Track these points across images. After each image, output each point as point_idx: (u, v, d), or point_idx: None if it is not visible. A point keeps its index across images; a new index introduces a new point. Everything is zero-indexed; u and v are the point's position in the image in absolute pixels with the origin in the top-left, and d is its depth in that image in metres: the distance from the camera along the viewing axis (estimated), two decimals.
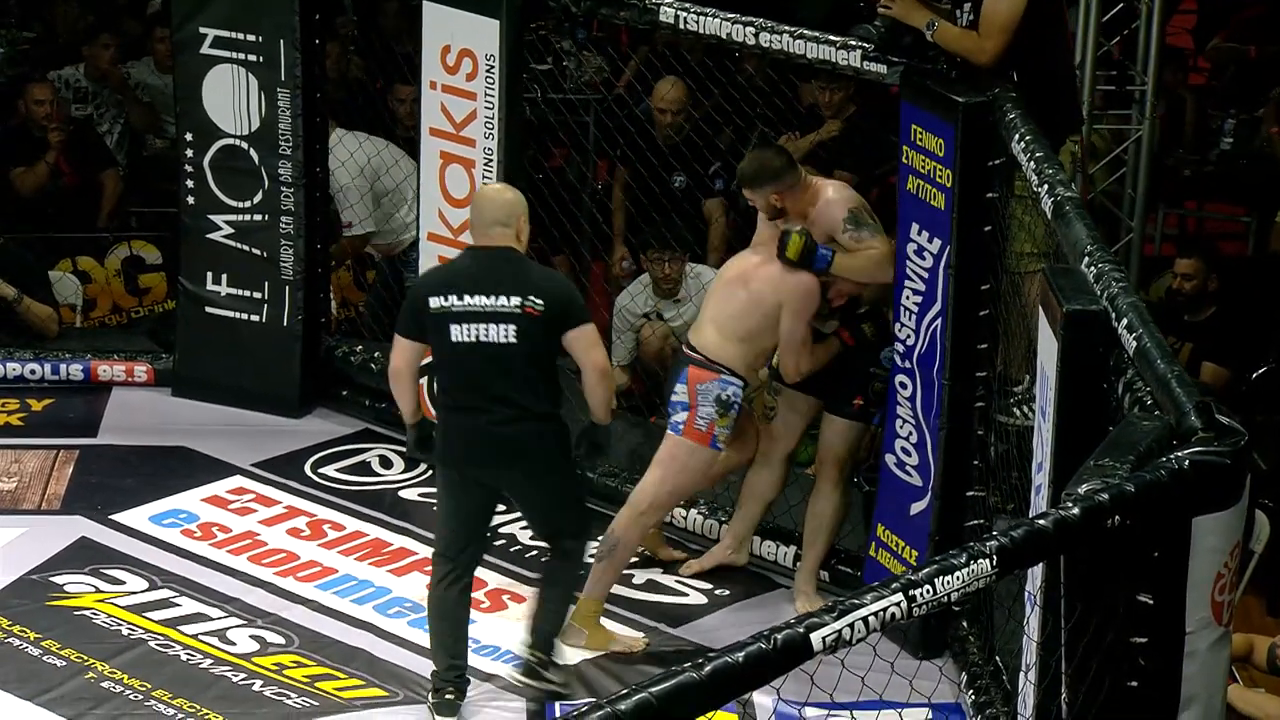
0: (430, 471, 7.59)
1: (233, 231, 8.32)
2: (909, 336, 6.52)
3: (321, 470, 7.95)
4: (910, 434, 6.59)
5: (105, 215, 9.59)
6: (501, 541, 7.25)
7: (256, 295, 8.36)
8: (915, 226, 6.45)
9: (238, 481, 7.81)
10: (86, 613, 6.79)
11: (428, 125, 7.71)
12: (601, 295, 8.74)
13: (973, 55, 6.31)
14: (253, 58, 8.12)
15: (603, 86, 9.39)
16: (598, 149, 9.13)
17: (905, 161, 6.50)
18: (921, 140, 6.40)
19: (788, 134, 8.45)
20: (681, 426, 6.62)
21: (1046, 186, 5.42)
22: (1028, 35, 6.26)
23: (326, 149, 8.50)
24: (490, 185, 7.15)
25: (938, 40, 6.34)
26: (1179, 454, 3.78)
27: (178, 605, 6.87)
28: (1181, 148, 10.53)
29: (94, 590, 6.95)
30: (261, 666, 6.52)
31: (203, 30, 8.16)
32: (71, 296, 9.27)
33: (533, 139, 8.28)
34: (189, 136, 8.31)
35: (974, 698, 6.20)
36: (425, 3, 7.62)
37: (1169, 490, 3.75)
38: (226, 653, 6.59)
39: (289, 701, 6.33)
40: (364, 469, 8.00)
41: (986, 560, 3.45)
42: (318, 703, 6.34)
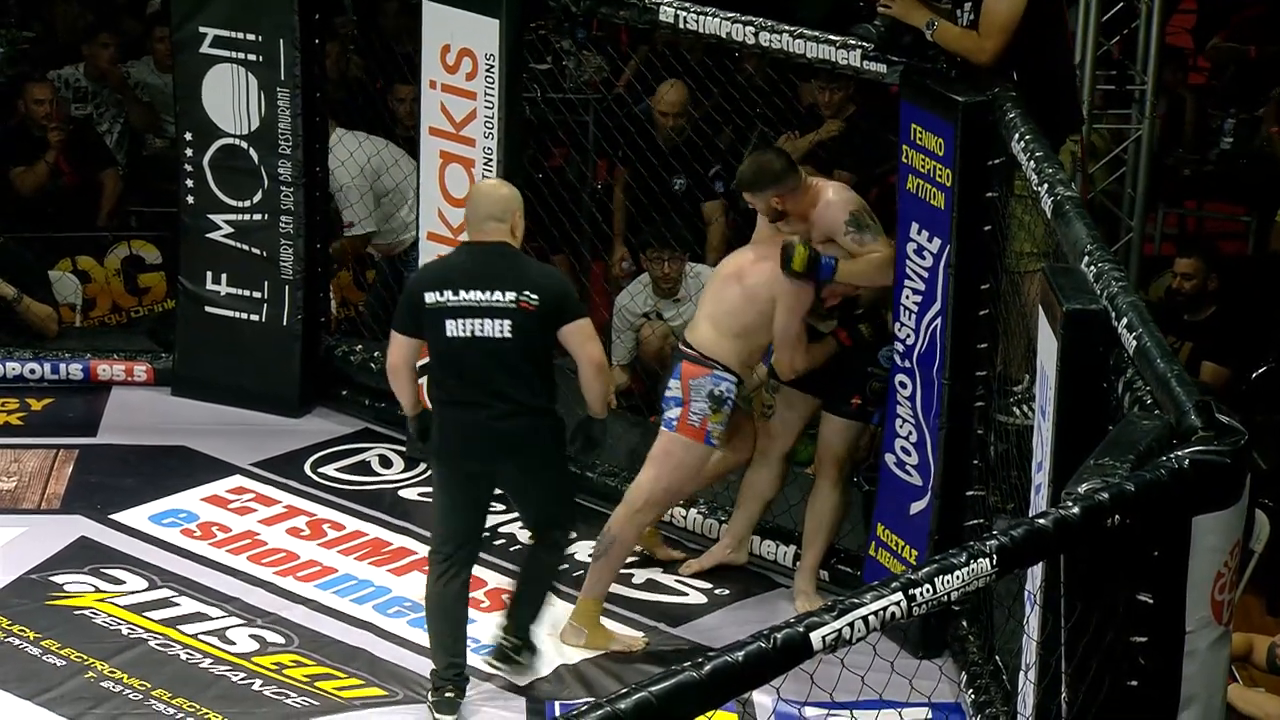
0: (429, 470, 7.59)
1: (232, 231, 8.32)
2: (909, 336, 6.51)
3: (321, 470, 7.95)
4: (910, 433, 6.58)
5: (105, 215, 9.58)
6: (501, 541, 7.25)
7: (256, 295, 8.36)
8: (915, 226, 6.45)
9: (237, 481, 7.81)
10: (86, 612, 6.79)
11: (427, 125, 7.71)
12: (601, 295, 8.73)
13: (973, 55, 6.30)
14: (252, 57, 8.12)
15: (602, 86, 9.38)
16: (597, 148, 9.12)
17: (905, 161, 6.50)
18: (921, 139, 6.39)
19: (787, 134, 8.45)
20: (675, 423, 6.62)
21: (1046, 186, 5.41)
22: (1028, 35, 6.26)
23: (326, 148, 8.50)
24: (486, 181, 7.15)
25: (937, 40, 6.34)
26: (1179, 453, 3.78)
27: (177, 605, 6.87)
28: (1181, 147, 10.53)
29: (94, 590, 6.94)
30: (261, 666, 6.52)
31: (202, 29, 8.16)
32: (71, 296, 9.26)
33: (532, 138, 8.27)
34: (189, 136, 8.31)
35: (974, 697, 6.20)
36: (425, 2, 7.61)
37: (1169, 489, 3.74)
38: (226, 652, 6.58)
39: (289, 701, 6.33)
40: (364, 468, 7.99)
41: (986, 559, 3.45)
42: (318, 702, 6.34)
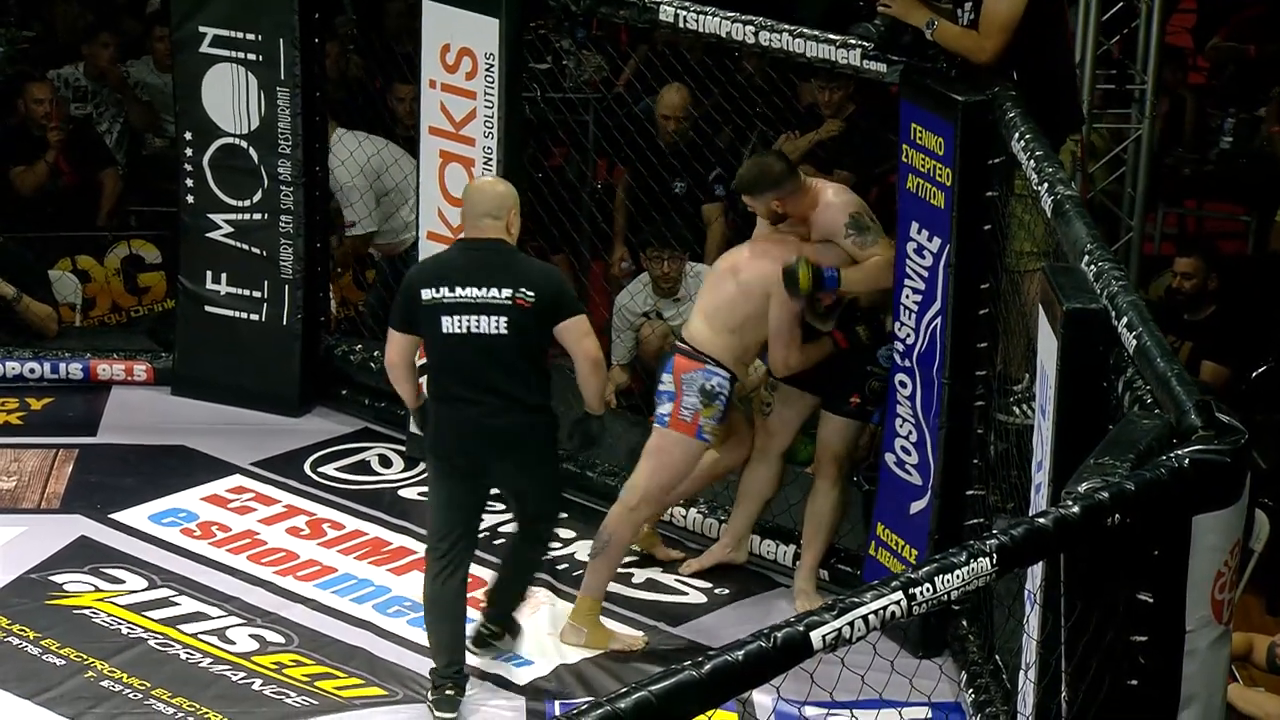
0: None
1: (232, 230, 8.32)
2: (909, 335, 6.51)
3: (321, 469, 7.94)
4: (910, 433, 6.58)
5: (104, 214, 9.58)
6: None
7: (256, 294, 8.36)
8: (915, 225, 6.45)
9: (237, 480, 7.80)
10: (86, 612, 6.79)
11: (427, 124, 7.70)
12: (601, 294, 8.73)
13: (973, 54, 6.30)
14: (252, 56, 8.12)
15: (602, 85, 9.39)
16: (597, 148, 9.13)
17: (905, 160, 6.49)
18: (921, 139, 6.39)
19: (787, 133, 8.45)
20: (667, 419, 6.61)
21: (1046, 185, 5.41)
22: (1028, 34, 6.26)
23: (326, 148, 8.50)
24: (482, 178, 7.15)
25: (937, 39, 6.33)
26: (1179, 452, 3.78)
27: (177, 604, 6.86)
28: (1181, 147, 10.52)
29: (93, 589, 6.94)
30: (261, 665, 6.52)
31: (202, 29, 8.16)
32: (71, 295, 9.26)
33: (532, 138, 8.27)
34: (188, 135, 8.31)
35: (974, 696, 6.20)
36: (425, 2, 7.61)
37: (1169, 489, 3.74)
38: (226, 651, 6.58)
39: (288, 700, 6.33)
40: (363, 468, 7.99)
41: (986, 559, 3.45)
42: (317, 701, 6.34)
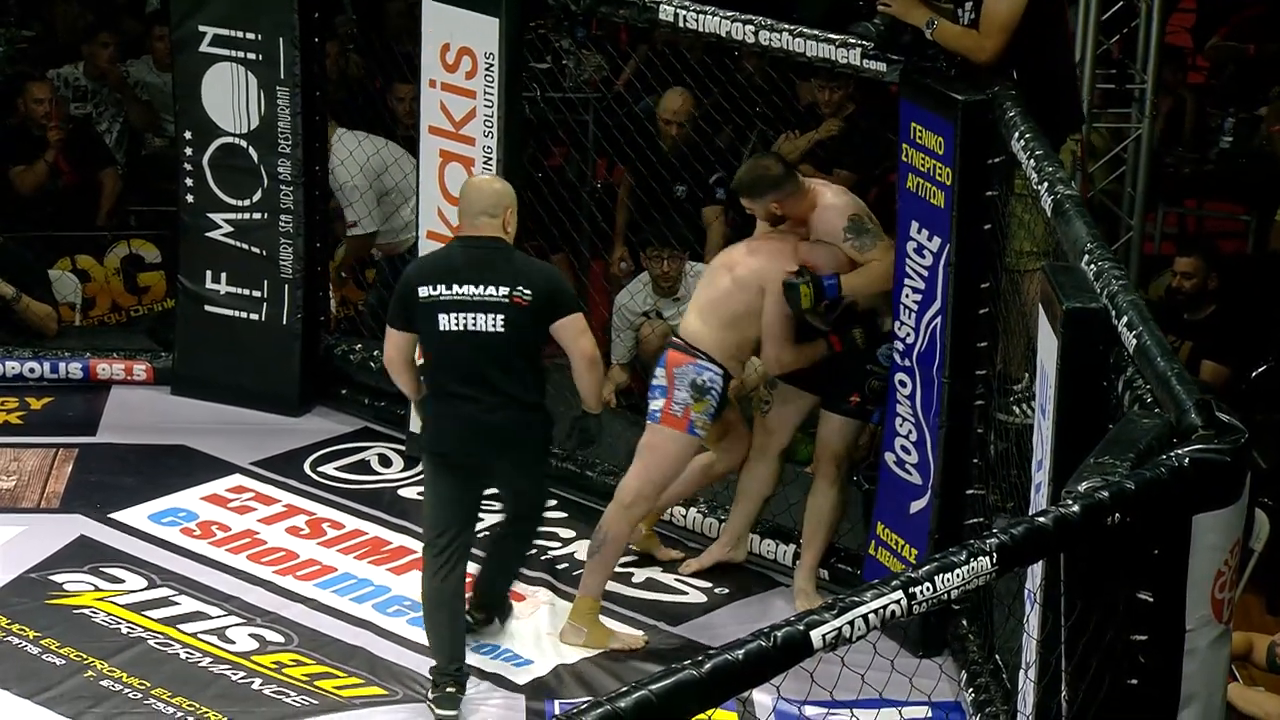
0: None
1: (232, 230, 8.32)
2: (909, 334, 6.51)
3: (321, 469, 7.94)
4: (910, 432, 6.58)
5: (104, 214, 9.57)
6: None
7: (256, 294, 8.35)
8: (915, 224, 6.45)
9: (237, 480, 7.80)
10: (86, 611, 6.79)
11: (427, 124, 7.70)
12: (601, 293, 8.73)
13: (973, 53, 6.30)
14: (252, 56, 8.12)
15: (602, 85, 9.38)
16: (597, 147, 9.13)
17: (905, 159, 6.49)
18: (921, 138, 6.39)
19: (787, 132, 8.45)
20: (659, 415, 6.61)
21: (1046, 184, 5.41)
22: (1028, 34, 6.26)
23: (326, 147, 8.50)
24: (479, 176, 7.15)
25: (937, 38, 6.33)
26: (1179, 452, 3.78)
27: (177, 604, 6.86)
28: (1181, 146, 10.52)
29: (93, 589, 6.94)
30: (261, 665, 6.51)
31: (202, 28, 8.15)
32: (70, 295, 9.26)
33: (532, 137, 8.27)
34: (188, 135, 8.30)
35: (974, 696, 6.20)
36: (425, 1, 7.61)
37: (1169, 488, 3.74)
38: (226, 651, 6.58)
39: (288, 700, 6.33)
40: (363, 467, 7.99)
41: (986, 558, 3.45)
42: (317, 701, 6.33)
